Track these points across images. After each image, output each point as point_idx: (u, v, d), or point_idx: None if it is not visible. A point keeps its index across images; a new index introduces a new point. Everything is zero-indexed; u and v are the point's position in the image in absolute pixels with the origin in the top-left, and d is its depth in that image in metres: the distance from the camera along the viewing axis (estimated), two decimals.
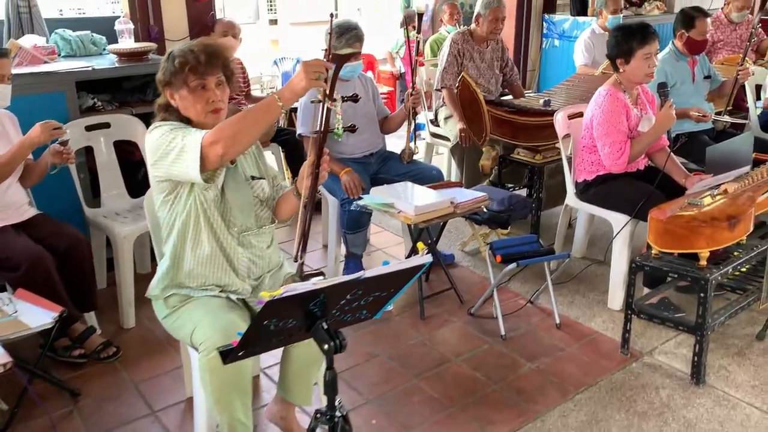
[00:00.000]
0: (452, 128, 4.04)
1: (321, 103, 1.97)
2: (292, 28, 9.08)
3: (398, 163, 3.44)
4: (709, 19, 3.82)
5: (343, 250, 3.42)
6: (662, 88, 2.97)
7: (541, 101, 3.80)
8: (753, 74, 3.95)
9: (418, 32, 3.29)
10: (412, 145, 3.42)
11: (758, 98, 4.63)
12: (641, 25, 2.99)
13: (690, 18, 3.81)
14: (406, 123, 3.36)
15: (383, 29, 9.77)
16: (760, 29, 5.60)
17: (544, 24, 6.23)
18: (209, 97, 1.93)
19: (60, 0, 5.46)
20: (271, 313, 1.39)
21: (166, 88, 1.96)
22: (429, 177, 3.36)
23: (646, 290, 2.96)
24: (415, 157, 3.48)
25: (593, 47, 5.14)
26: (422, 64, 4.29)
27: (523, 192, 4.04)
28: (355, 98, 2.35)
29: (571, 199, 3.28)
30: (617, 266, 3.05)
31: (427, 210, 2.83)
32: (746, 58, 5.25)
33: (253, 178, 2.07)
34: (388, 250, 3.86)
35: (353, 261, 3.43)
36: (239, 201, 2.00)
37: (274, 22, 9.77)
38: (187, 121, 1.95)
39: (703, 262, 2.46)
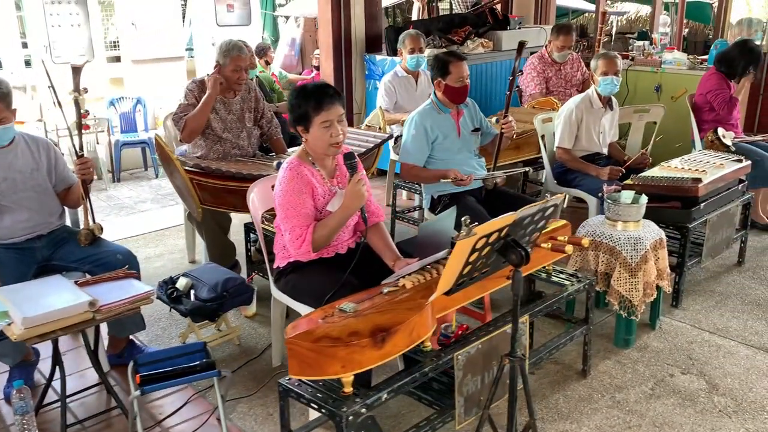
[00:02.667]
0: None
1: None
2: (135, 66, 8.41)
3: (76, 246, 2.82)
4: (465, 63, 3.39)
5: None
6: (349, 159, 2.46)
7: (275, 163, 3.27)
8: (515, 128, 3.52)
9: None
10: (92, 222, 2.82)
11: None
12: (318, 86, 2.46)
13: (443, 63, 3.38)
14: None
15: None
16: (584, 70, 5.31)
17: (366, 64, 5.79)
18: None
19: None
20: None
21: None
22: (111, 263, 2.75)
23: None
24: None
25: (395, 91, 4.71)
26: (87, 127, 3.72)
27: None
28: None
29: (273, 288, 2.72)
30: None
31: (43, 321, 2.21)
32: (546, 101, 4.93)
33: None
34: None
35: (18, 372, 2.78)
36: None
37: (115, 59, 9.07)
38: None
39: (348, 389, 1.93)
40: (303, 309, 2.51)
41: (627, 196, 3.11)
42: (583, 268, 3.12)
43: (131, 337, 3.02)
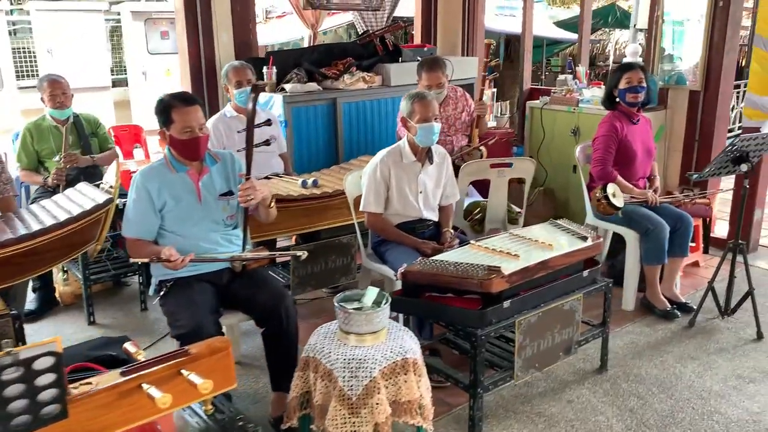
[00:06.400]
0: None
1: None
2: None
3: None
4: (196, 108, 2.59)
5: None
6: None
7: None
8: (258, 197, 2.66)
9: None
10: None
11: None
12: None
13: (165, 109, 2.60)
14: None
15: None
16: None
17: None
18: None
19: None
20: None
21: None
22: None
23: None
24: None
25: (222, 134, 3.93)
26: None
27: None
28: None
29: None
30: None
31: None
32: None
33: None
34: None
35: None
36: None
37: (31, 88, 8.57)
38: None
39: None
40: None
41: (370, 296, 2.26)
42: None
43: None
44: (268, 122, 3.42)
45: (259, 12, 10.51)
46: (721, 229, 4.87)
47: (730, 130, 7.85)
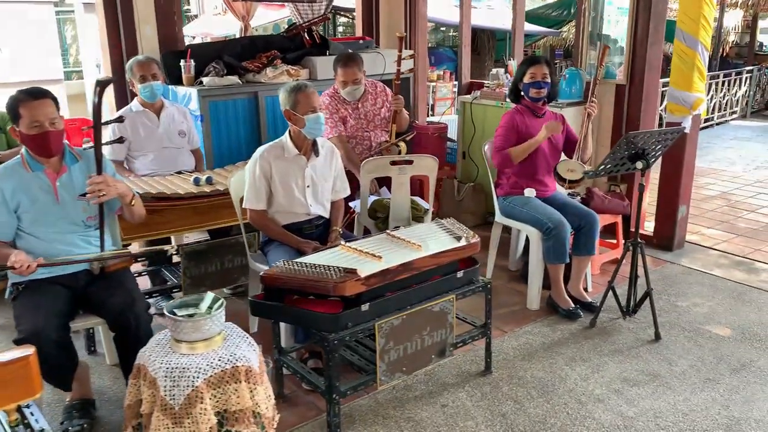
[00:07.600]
0: None
1: None
2: (3, 91, 7.77)
3: None
4: (42, 102, 2.49)
5: None
6: None
7: None
8: (110, 193, 2.56)
9: None
10: None
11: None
12: None
13: (12, 104, 2.52)
14: None
15: None
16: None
17: None
18: None
19: None
20: None
21: None
22: None
23: None
24: None
25: (127, 131, 3.82)
26: None
27: None
28: None
29: None
30: None
31: None
32: None
33: None
34: None
35: None
36: None
37: None
38: None
39: None
40: None
41: (206, 301, 2.18)
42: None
43: None
44: (119, 119, 3.35)
45: (218, 3, 10.40)
46: (651, 225, 4.80)
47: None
